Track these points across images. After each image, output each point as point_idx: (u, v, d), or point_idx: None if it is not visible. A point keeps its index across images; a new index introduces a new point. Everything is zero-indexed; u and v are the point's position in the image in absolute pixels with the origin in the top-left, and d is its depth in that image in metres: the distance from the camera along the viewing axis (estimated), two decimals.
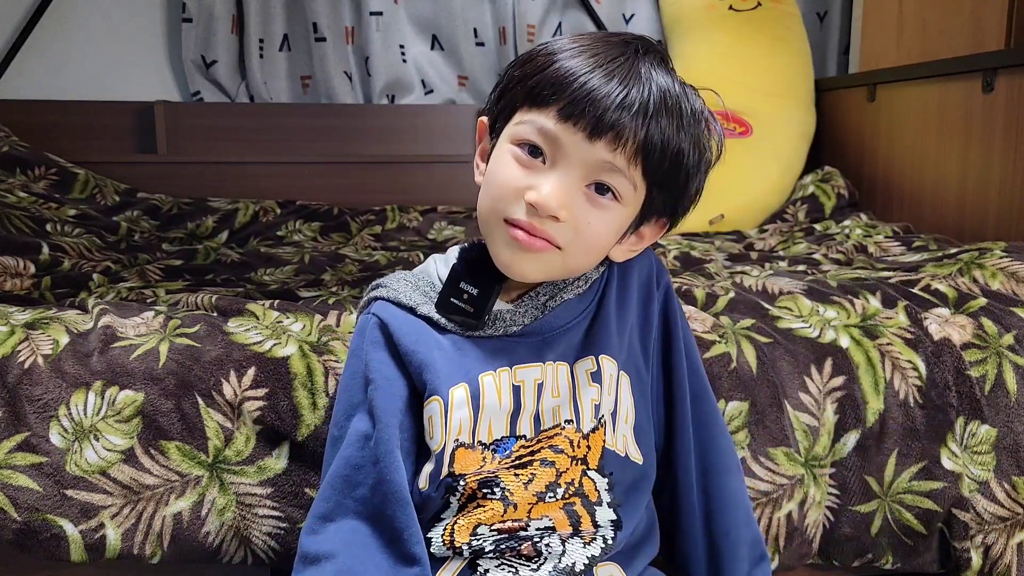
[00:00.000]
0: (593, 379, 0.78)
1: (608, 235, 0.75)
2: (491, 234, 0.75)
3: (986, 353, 1.04)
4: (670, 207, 0.78)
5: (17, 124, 2.02)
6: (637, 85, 0.70)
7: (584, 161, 0.71)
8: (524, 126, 0.72)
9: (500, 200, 0.73)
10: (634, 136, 0.70)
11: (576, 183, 0.71)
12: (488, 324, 0.77)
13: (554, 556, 0.74)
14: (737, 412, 0.96)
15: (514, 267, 0.74)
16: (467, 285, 0.76)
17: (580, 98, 0.69)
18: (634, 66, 0.71)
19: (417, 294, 0.78)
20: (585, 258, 0.76)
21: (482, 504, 0.74)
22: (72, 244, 1.53)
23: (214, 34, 2.19)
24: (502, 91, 0.77)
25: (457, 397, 0.74)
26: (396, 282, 0.79)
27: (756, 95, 2.01)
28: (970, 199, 1.67)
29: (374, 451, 0.73)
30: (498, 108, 0.77)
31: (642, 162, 0.71)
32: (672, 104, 0.71)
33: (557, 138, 0.71)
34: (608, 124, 0.69)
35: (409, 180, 2.20)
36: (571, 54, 0.72)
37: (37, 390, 0.88)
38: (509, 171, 0.73)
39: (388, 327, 0.76)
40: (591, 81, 0.70)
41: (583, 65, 0.71)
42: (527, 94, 0.73)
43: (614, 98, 0.69)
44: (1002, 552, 1.01)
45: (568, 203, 0.71)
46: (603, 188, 0.72)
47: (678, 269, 1.46)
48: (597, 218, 0.73)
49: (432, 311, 0.77)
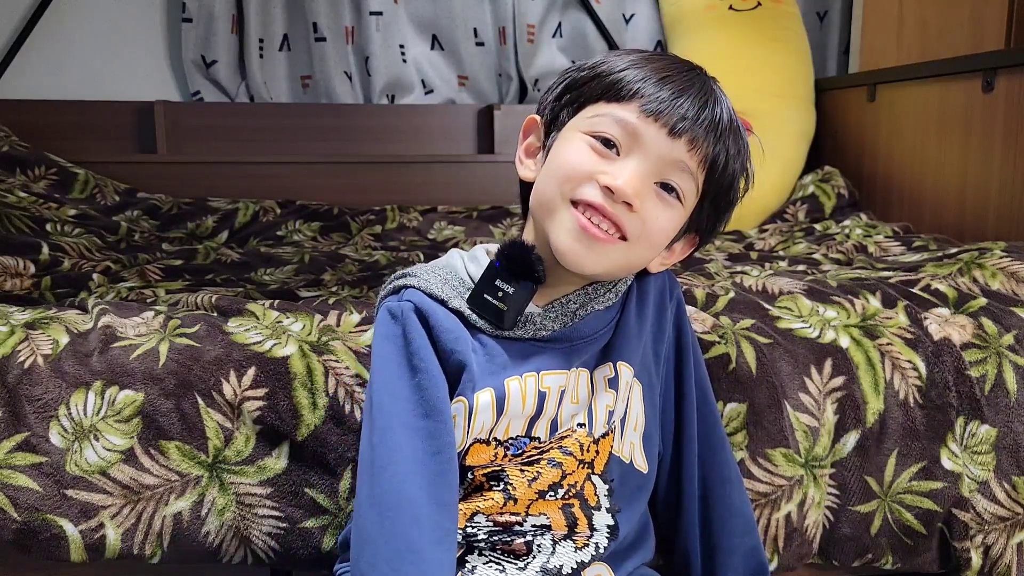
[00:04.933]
0: (610, 385, 0.79)
1: (669, 233, 0.76)
2: (553, 218, 0.74)
3: (986, 353, 1.04)
4: (710, 224, 0.80)
5: (17, 124, 2.02)
6: (712, 102, 0.74)
7: (661, 156, 0.72)
8: (602, 119, 0.73)
9: (569, 181, 0.73)
10: (706, 146, 0.73)
11: (649, 176, 0.73)
12: (518, 325, 0.76)
13: (543, 555, 0.75)
14: (736, 413, 0.96)
15: (574, 255, 0.73)
16: (503, 283, 0.75)
17: (664, 97, 0.72)
18: (706, 84, 0.75)
19: (447, 287, 0.76)
20: (648, 252, 0.76)
21: (483, 493, 0.75)
22: (72, 244, 1.53)
23: (214, 34, 2.19)
24: (567, 88, 0.78)
25: (483, 401, 0.74)
26: (425, 273, 0.77)
27: (756, 95, 2.01)
28: (970, 199, 1.67)
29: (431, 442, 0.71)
30: (561, 103, 0.77)
31: (706, 173, 0.74)
32: (735, 130, 0.75)
33: (638, 132, 0.72)
34: (687, 127, 0.72)
35: (409, 180, 2.20)
36: (644, 60, 0.75)
37: (37, 390, 0.88)
38: (582, 155, 0.73)
39: (428, 318, 0.73)
40: (672, 85, 0.73)
41: (661, 70, 0.74)
42: (605, 89, 0.74)
43: (692, 106, 0.72)
44: (1002, 552, 1.01)
45: (642, 193, 0.72)
46: (669, 188, 0.74)
47: (678, 269, 1.46)
48: (663, 214, 0.74)
49: (463, 306, 0.75)
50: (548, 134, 0.78)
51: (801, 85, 2.10)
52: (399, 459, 0.70)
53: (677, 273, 1.37)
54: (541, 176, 0.76)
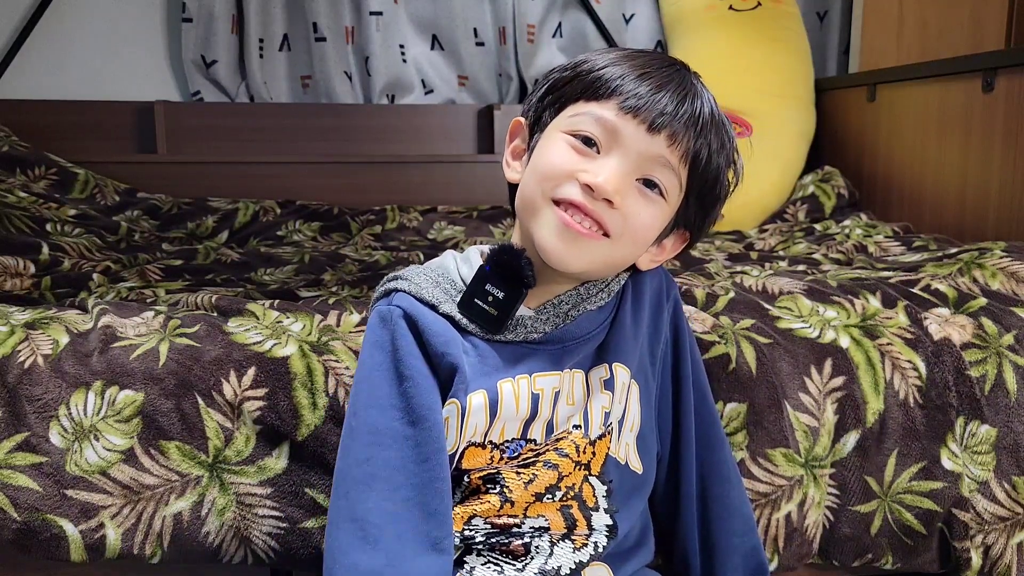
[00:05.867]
0: (606, 387, 0.78)
1: (652, 229, 0.76)
2: (536, 218, 0.74)
3: (986, 353, 1.04)
4: (698, 221, 0.80)
5: (17, 124, 2.02)
6: (691, 97, 0.73)
7: (640, 153, 0.72)
8: (581, 117, 0.73)
9: (550, 180, 0.73)
10: (686, 141, 0.73)
11: (630, 173, 0.73)
12: (509, 329, 0.76)
13: (541, 556, 0.75)
14: (736, 413, 0.96)
15: (558, 254, 0.73)
16: (493, 287, 0.75)
17: (642, 94, 0.72)
18: (685, 79, 0.75)
19: (438, 291, 0.76)
20: (633, 249, 0.76)
21: (480, 497, 0.75)
22: (72, 244, 1.53)
23: (214, 34, 2.19)
24: (549, 89, 0.78)
25: (475, 403, 0.73)
26: (416, 276, 0.76)
27: (756, 95, 2.01)
28: (970, 199, 1.67)
29: (418, 451, 0.70)
30: (544, 104, 0.78)
31: (689, 168, 0.74)
32: (717, 124, 0.75)
33: (616, 129, 0.72)
34: (666, 122, 0.71)
35: (409, 180, 2.20)
36: (624, 57, 0.75)
37: (37, 390, 0.88)
38: (563, 155, 0.73)
39: (416, 323, 0.73)
40: (651, 81, 0.73)
41: (640, 66, 0.74)
42: (584, 88, 0.74)
43: (671, 101, 0.72)
44: (1002, 552, 1.01)
45: (622, 190, 0.72)
46: (651, 184, 0.74)
47: (678, 269, 1.46)
48: (645, 210, 0.74)
49: (454, 310, 0.75)
50: (532, 135, 0.79)
51: (801, 85, 2.10)
52: (384, 474, 0.70)
53: (677, 273, 1.37)
54: (524, 177, 0.77)
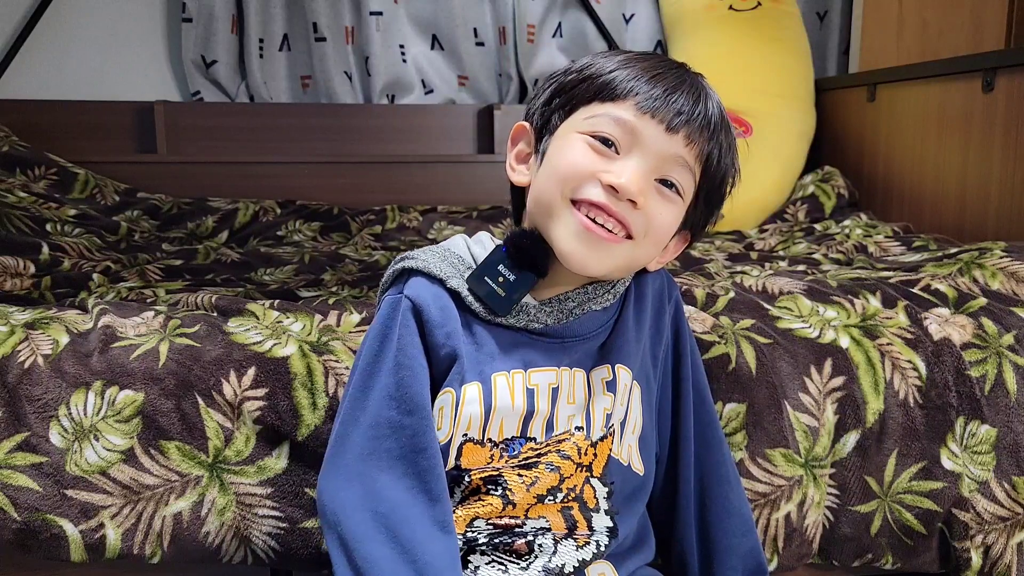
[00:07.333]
0: (608, 388, 0.78)
1: (672, 229, 0.77)
2: (554, 220, 0.74)
3: (986, 353, 1.04)
4: (703, 221, 0.80)
5: (17, 124, 2.02)
6: (703, 98, 0.74)
7: (660, 152, 0.72)
8: (599, 119, 0.73)
9: (570, 181, 0.73)
10: (701, 142, 0.73)
11: (650, 173, 0.73)
12: (512, 314, 0.76)
13: (545, 555, 0.75)
14: (735, 413, 0.96)
15: (578, 257, 0.73)
16: (505, 269, 0.75)
17: (658, 95, 0.72)
18: (696, 81, 0.75)
19: (446, 265, 0.76)
20: (652, 250, 0.77)
21: (482, 498, 0.75)
22: (72, 244, 1.53)
23: (214, 34, 2.19)
24: (556, 92, 0.78)
25: (469, 394, 0.74)
26: (423, 253, 0.77)
27: (756, 95, 2.01)
28: (970, 199, 1.67)
29: (414, 440, 0.71)
30: (552, 107, 0.78)
31: (702, 168, 0.75)
32: (726, 125, 0.76)
33: (636, 129, 0.72)
34: (683, 122, 0.72)
35: (409, 180, 2.20)
36: (632, 59, 0.76)
37: (37, 390, 0.88)
38: (583, 155, 0.73)
39: (421, 313, 0.74)
40: (664, 82, 0.73)
41: (651, 68, 0.74)
42: (598, 90, 0.74)
43: (687, 102, 0.73)
44: (1002, 552, 1.01)
45: (645, 190, 0.72)
46: (668, 184, 0.74)
47: (678, 269, 1.46)
48: (666, 210, 0.74)
49: (461, 285, 0.75)
50: (540, 139, 0.79)
51: (801, 85, 2.10)
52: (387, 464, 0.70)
53: (677, 273, 1.37)
54: (539, 179, 0.76)
